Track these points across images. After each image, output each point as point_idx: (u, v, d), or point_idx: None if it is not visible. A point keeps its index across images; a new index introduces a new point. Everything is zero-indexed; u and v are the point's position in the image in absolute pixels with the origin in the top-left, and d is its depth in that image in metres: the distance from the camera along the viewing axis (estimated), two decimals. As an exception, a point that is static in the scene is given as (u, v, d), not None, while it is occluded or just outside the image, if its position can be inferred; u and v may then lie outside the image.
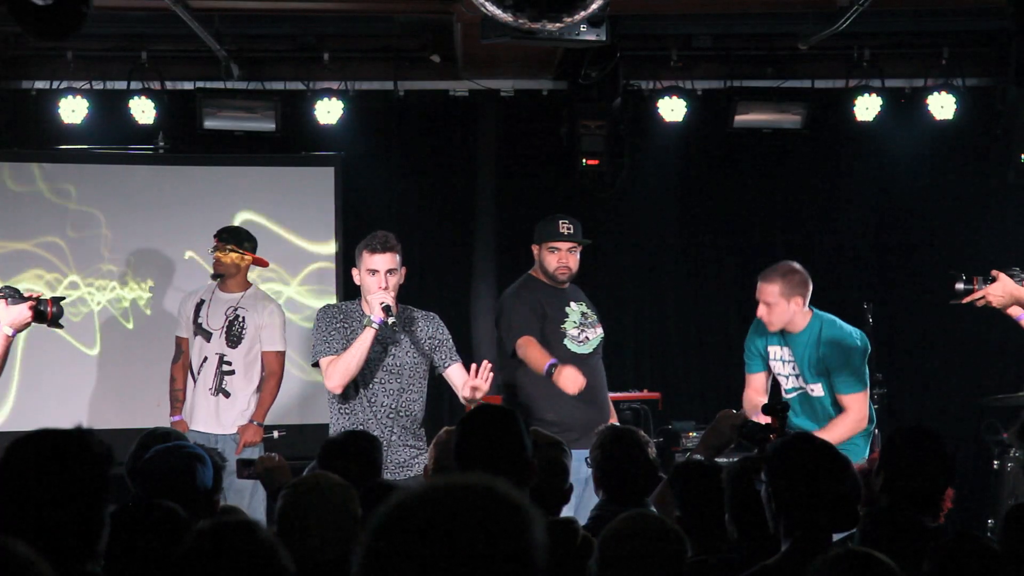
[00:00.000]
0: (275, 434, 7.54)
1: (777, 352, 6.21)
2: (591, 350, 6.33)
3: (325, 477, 3.54)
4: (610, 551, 3.27)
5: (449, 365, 5.97)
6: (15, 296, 5.72)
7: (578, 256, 6.41)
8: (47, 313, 5.74)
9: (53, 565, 2.48)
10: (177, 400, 7.28)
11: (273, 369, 7.26)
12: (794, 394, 6.12)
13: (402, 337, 5.93)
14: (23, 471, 2.58)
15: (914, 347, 9.17)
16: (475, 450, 3.63)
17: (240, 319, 7.23)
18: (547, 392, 6.08)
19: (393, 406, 5.88)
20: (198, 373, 7.20)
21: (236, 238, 7.32)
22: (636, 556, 3.23)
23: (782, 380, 6.19)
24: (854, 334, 6.08)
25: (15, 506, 2.56)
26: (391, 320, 5.74)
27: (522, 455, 3.63)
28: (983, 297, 5.71)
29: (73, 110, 8.36)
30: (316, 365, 5.98)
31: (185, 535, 2.70)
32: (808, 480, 3.34)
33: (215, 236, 7.33)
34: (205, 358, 7.20)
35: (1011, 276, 5.72)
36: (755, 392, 6.23)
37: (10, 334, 5.69)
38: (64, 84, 8.42)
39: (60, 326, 5.89)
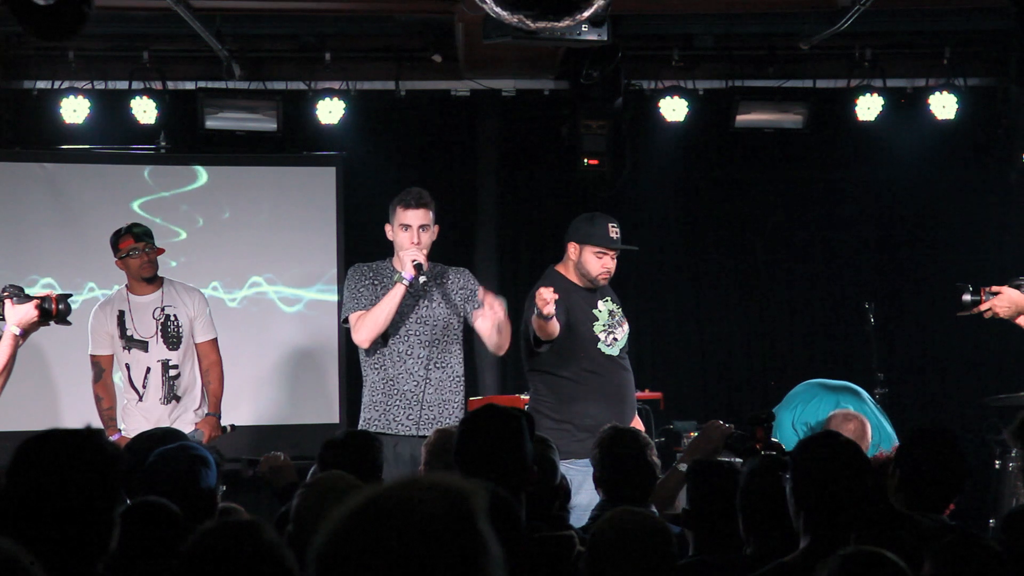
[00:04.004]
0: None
1: None
2: (619, 351, 6.14)
3: (342, 478, 3.54)
4: (598, 548, 3.27)
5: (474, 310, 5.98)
6: (20, 295, 5.68)
7: None
8: (52, 311, 5.69)
9: (65, 565, 2.48)
10: (111, 419, 6.70)
11: (213, 358, 6.81)
12: None
13: (434, 291, 5.95)
14: (34, 471, 2.58)
15: (916, 347, 9.17)
16: (475, 451, 3.63)
17: (172, 318, 6.72)
18: (583, 395, 5.98)
19: (428, 356, 5.89)
20: (143, 387, 6.67)
21: (151, 234, 6.77)
22: (624, 553, 3.23)
23: None
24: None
25: (27, 506, 2.56)
26: (422, 279, 5.78)
27: (522, 460, 3.62)
28: (990, 309, 5.73)
29: (75, 110, 8.35)
30: (346, 322, 5.97)
31: (184, 535, 2.70)
32: (830, 478, 3.35)
33: (130, 237, 6.68)
34: (148, 368, 6.67)
35: (1016, 287, 5.74)
36: None
37: (18, 333, 5.64)
38: (66, 84, 8.41)
39: (68, 323, 5.83)
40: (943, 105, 8.61)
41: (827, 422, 6.06)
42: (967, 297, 5.78)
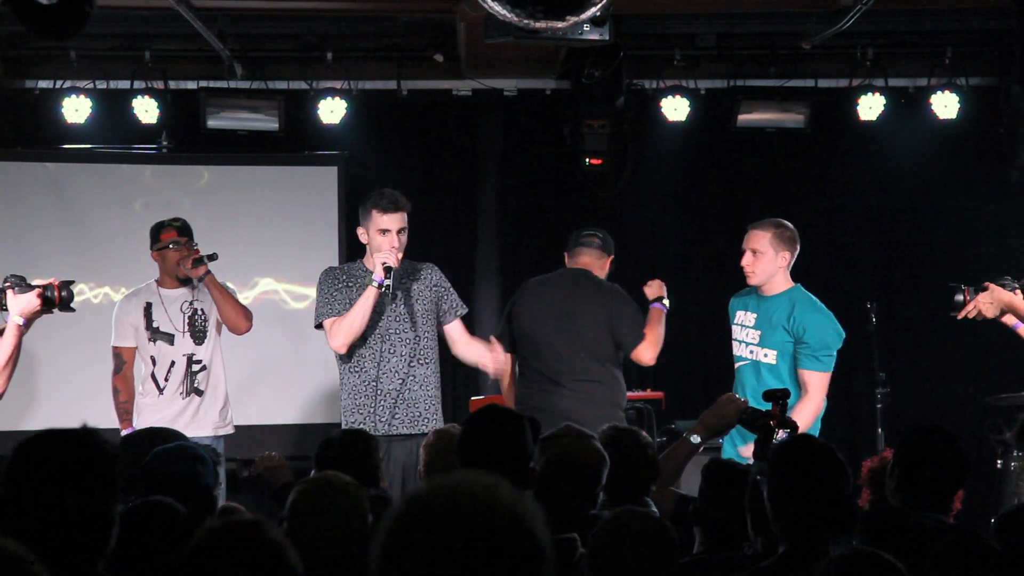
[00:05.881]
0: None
1: (741, 316, 6.15)
2: None
3: (336, 477, 3.55)
4: (599, 548, 3.27)
5: (451, 320, 6.05)
6: (22, 284, 5.65)
7: None
8: (55, 298, 5.65)
9: (66, 566, 2.48)
10: (126, 412, 6.63)
11: None
12: (742, 363, 6.06)
13: (408, 288, 5.98)
14: (33, 472, 2.58)
15: (917, 346, 9.17)
16: (477, 451, 3.63)
17: (200, 312, 6.65)
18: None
19: (410, 353, 5.92)
20: (165, 380, 6.58)
21: (192, 232, 6.72)
22: (624, 553, 3.24)
23: (735, 346, 6.13)
24: (834, 319, 6.05)
25: (26, 507, 2.56)
26: (387, 282, 5.75)
27: (524, 461, 3.62)
28: (975, 307, 5.74)
29: (76, 109, 8.36)
30: (320, 327, 5.99)
31: (187, 534, 2.70)
32: (806, 483, 3.32)
33: (172, 230, 6.62)
34: (172, 362, 6.60)
35: (1002, 285, 5.74)
36: None
37: (21, 323, 5.60)
38: (68, 83, 8.42)
39: (71, 309, 5.79)
40: (945, 105, 8.62)
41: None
42: (959, 297, 5.78)
